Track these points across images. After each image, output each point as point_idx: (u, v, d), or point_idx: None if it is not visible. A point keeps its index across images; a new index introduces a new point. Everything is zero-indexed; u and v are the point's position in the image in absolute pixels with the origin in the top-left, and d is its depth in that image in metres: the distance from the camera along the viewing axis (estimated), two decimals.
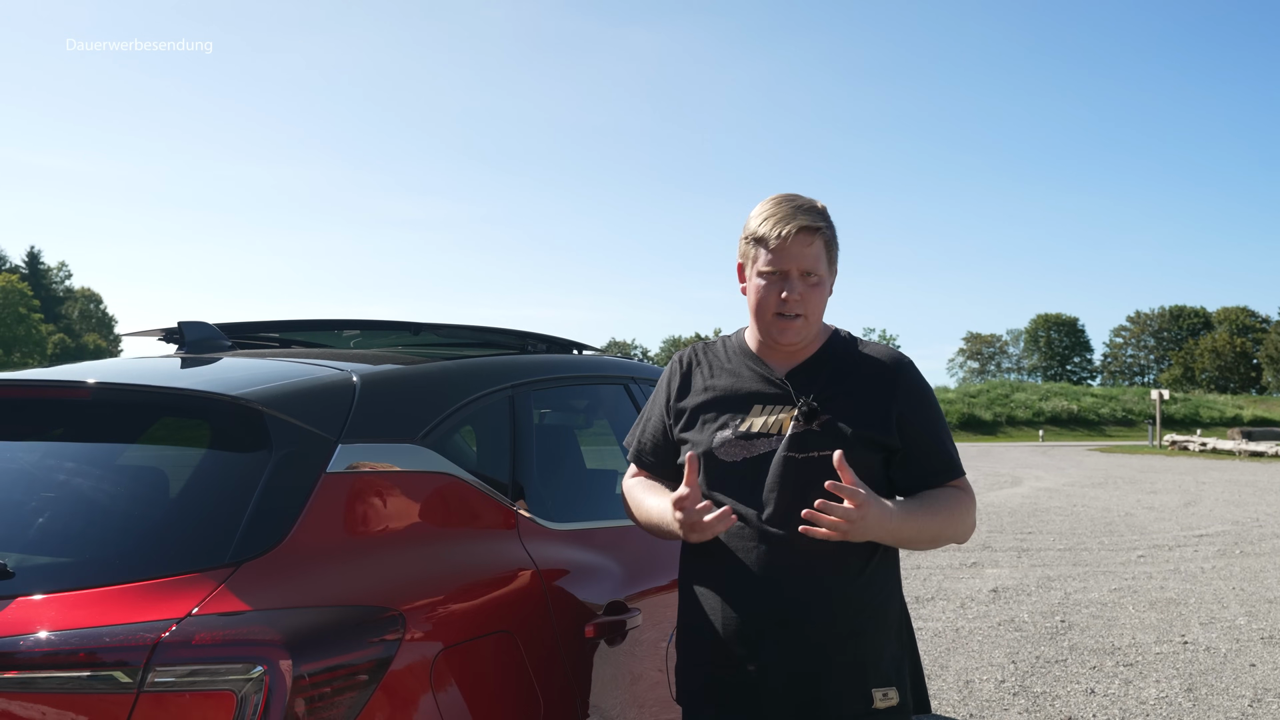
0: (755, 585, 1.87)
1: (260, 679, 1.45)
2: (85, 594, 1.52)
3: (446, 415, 2.08)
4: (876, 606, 1.90)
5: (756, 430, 1.91)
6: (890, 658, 1.91)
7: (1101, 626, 6.82)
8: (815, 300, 1.92)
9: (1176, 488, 19.27)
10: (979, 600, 7.71)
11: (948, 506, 1.93)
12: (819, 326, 1.98)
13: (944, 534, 1.94)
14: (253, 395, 1.80)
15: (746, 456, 1.90)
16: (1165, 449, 38.83)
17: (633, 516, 2.10)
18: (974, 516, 2.00)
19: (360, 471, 1.83)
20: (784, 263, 1.89)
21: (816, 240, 1.90)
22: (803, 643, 1.85)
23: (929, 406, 1.97)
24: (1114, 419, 62.50)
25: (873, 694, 1.86)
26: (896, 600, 1.97)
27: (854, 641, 1.86)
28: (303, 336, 3.06)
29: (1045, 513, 14.37)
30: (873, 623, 1.89)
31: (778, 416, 1.91)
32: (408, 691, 1.64)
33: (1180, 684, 5.41)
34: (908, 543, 1.91)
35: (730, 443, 1.92)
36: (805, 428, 1.88)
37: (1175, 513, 14.48)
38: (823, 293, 1.93)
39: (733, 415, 1.94)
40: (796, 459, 1.87)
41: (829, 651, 1.85)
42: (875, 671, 1.87)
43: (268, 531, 1.64)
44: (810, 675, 1.84)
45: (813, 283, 1.91)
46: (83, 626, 1.47)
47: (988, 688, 5.30)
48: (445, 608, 1.80)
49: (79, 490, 1.76)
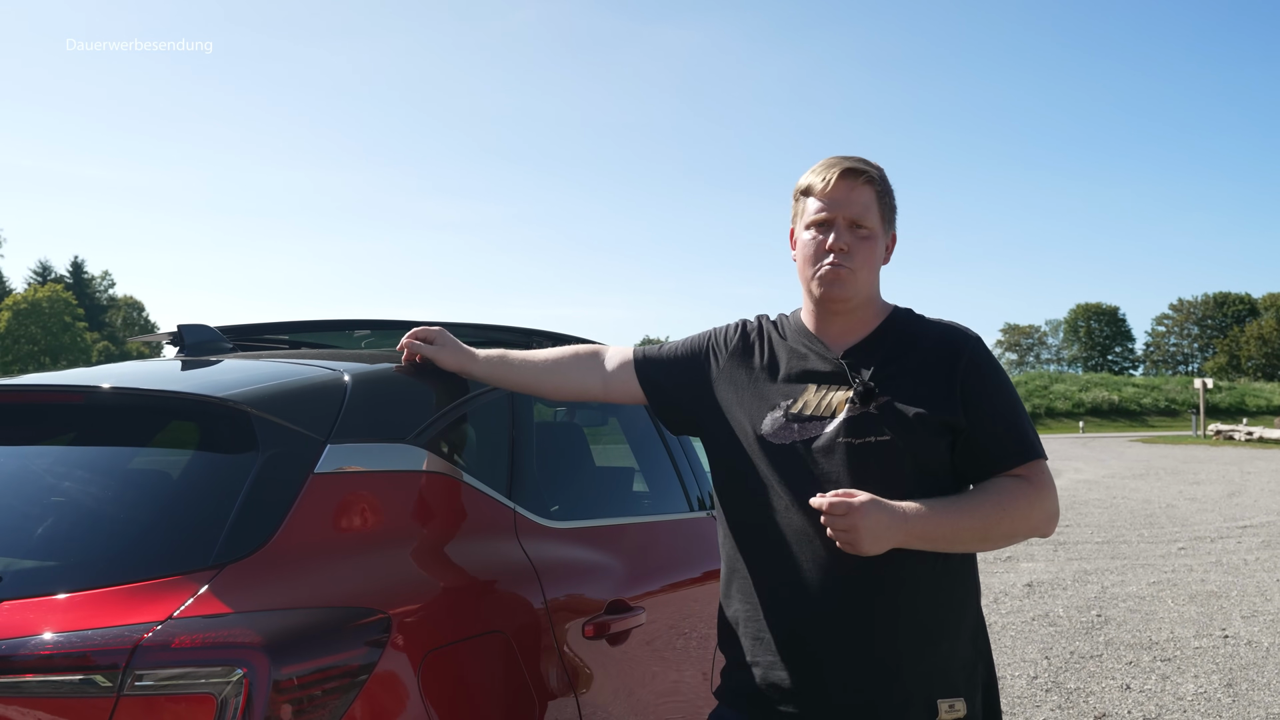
0: (807, 583, 1.72)
1: (240, 682, 1.44)
2: (67, 598, 1.52)
3: (441, 414, 2.06)
4: (947, 608, 1.73)
5: (810, 412, 1.76)
6: (961, 665, 1.74)
7: (1139, 621, 6.68)
8: (865, 253, 1.78)
9: (1220, 478, 18.88)
10: (1013, 595, 7.59)
11: (998, 498, 1.71)
12: (872, 289, 1.82)
13: (998, 530, 1.71)
14: (239, 396, 1.79)
15: (797, 440, 1.75)
16: (1210, 439, 38.08)
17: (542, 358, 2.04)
18: (1050, 505, 1.76)
19: (349, 472, 1.81)
20: (831, 210, 1.77)
21: (864, 188, 1.78)
22: (859, 647, 1.70)
23: (997, 382, 1.77)
24: (1156, 409, 61.44)
25: (938, 705, 1.69)
26: (971, 603, 1.79)
27: (919, 647, 1.70)
28: (313, 338, 3.06)
29: (1084, 505, 14.14)
30: (941, 626, 1.72)
31: (832, 397, 1.76)
32: (394, 693, 1.62)
33: (1220, 679, 5.28)
34: (949, 544, 1.70)
35: (781, 425, 1.77)
36: (862, 410, 1.72)
37: (1218, 503, 14.19)
38: (874, 247, 1.79)
39: (784, 395, 1.80)
40: (853, 444, 1.71)
41: (890, 658, 1.69)
42: (943, 680, 1.71)
43: (252, 533, 1.63)
44: (868, 684, 1.69)
45: (862, 235, 1.78)
46: (63, 630, 1.46)
47: (1019, 684, 5.21)
48: (434, 609, 1.78)
49: (65, 494, 1.76)
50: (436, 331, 2.11)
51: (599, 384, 2.02)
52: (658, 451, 2.98)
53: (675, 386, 1.95)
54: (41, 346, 58.97)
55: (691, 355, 1.96)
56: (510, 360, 2.06)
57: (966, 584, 1.79)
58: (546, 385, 2.05)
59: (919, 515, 1.65)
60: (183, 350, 2.38)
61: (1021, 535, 1.75)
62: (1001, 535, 1.73)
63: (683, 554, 2.71)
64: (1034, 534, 1.77)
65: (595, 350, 2.06)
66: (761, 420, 1.80)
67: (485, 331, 2.84)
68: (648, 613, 2.32)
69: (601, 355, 2.04)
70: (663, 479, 2.96)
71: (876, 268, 1.83)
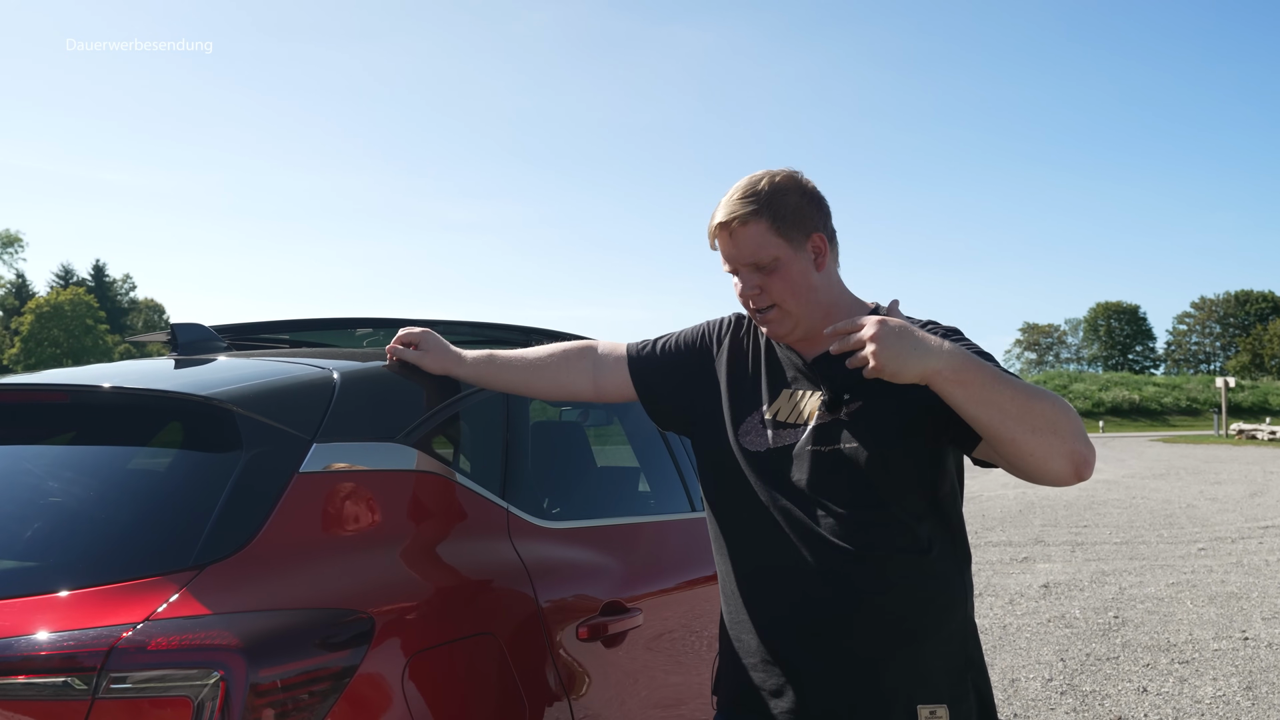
0: (783, 588, 1.71)
1: (217, 684, 1.41)
2: (45, 599, 1.50)
3: (434, 413, 2.03)
4: (929, 611, 1.68)
5: (784, 419, 1.73)
6: (945, 671, 1.68)
7: (1157, 622, 6.59)
8: (781, 284, 1.71)
9: (1242, 478, 18.66)
10: (1029, 596, 7.50)
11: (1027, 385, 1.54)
12: (817, 307, 1.73)
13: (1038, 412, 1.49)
14: (223, 395, 1.76)
15: (770, 447, 1.72)
16: (1232, 438, 37.68)
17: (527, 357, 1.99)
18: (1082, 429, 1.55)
19: (336, 471, 1.78)
20: (730, 262, 1.74)
21: (748, 227, 1.69)
22: (836, 651, 1.67)
23: (987, 357, 1.63)
24: (1178, 408, 60.87)
25: (918, 711, 1.64)
26: (958, 608, 1.72)
27: (897, 650, 1.65)
28: (316, 337, 3.04)
29: (1102, 505, 13.99)
30: (922, 629, 1.66)
31: (805, 404, 1.73)
32: (377, 695, 1.59)
33: (1239, 682, 5.19)
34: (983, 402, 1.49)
35: (757, 431, 1.74)
36: (831, 417, 1.69)
37: (1240, 504, 14.01)
38: (789, 273, 1.70)
39: (762, 400, 1.77)
40: (820, 452, 1.68)
41: (868, 661, 1.66)
42: (924, 685, 1.66)
43: (234, 533, 1.60)
44: (846, 688, 1.66)
45: (769, 269, 1.71)
46: (40, 632, 1.44)
47: (1034, 686, 5.14)
48: (421, 610, 1.74)
49: (47, 494, 1.74)
50: (422, 334, 2.07)
51: (589, 383, 1.97)
52: (659, 451, 2.95)
53: (667, 385, 1.91)
54: (64, 349, 59.56)
55: (684, 352, 1.91)
56: (498, 361, 2.02)
57: (951, 587, 1.72)
58: (535, 386, 2.01)
59: (953, 349, 1.50)
60: (176, 349, 2.36)
61: (1060, 439, 1.51)
62: (1043, 423, 1.50)
63: (685, 555, 2.67)
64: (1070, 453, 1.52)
65: (585, 348, 2.00)
66: (740, 425, 1.78)
67: (484, 330, 2.81)
68: (646, 615, 2.28)
69: (592, 353, 1.98)
70: (665, 479, 2.92)
71: (809, 285, 1.72)
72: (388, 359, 2.09)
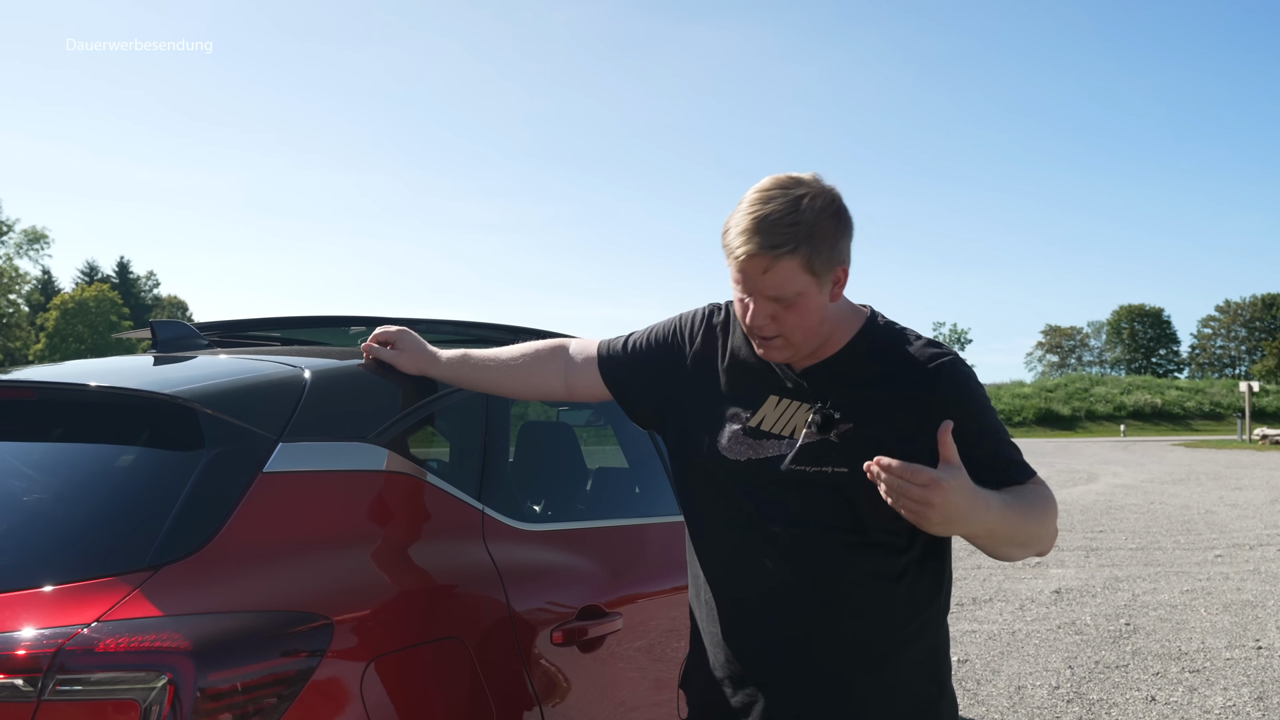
0: (753, 600, 1.66)
1: (165, 688, 1.39)
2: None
3: (407, 413, 2.00)
4: (896, 632, 1.63)
5: (768, 429, 1.65)
6: (911, 697, 1.65)
7: (1169, 630, 6.49)
8: (796, 319, 1.60)
9: (1264, 483, 18.39)
10: (1040, 602, 7.41)
11: (1034, 503, 1.59)
12: (819, 332, 1.64)
13: (1036, 536, 1.61)
14: (187, 393, 1.74)
15: (752, 458, 1.65)
16: (1255, 443, 37.18)
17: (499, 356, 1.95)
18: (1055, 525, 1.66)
19: (301, 471, 1.75)
20: (746, 286, 1.59)
21: (780, 264, 1.54)
22: (803, 668, 1.62)
23: (978, 408, 1.63)
24: (1201, 413, 60.19)
25: None
26: (928, 632, 1.67)
27: (862, 671, 1.62)
28: (309, 335, 3.03)
29: (1119, 510, 13.83)
30: (889, 652, 1.63)
31: (792, 416, 1.65)
32: (334, 700, 1.56)
33: (1250, 692, 5.10)
34: (1002, 541, 1.57)
35: (738, 439, 1.66)
36: (820, 437, 1.61)
37: (1260, 510, 13.80)
38: (805, 307, 1.59)
39: (744, 405, 1.68)
40: (806, 472, 1.61)
41: (833, 680, 1.62)
42: (888, 709, 1.63)
43: (192, 533, 1.58)
44: (811, 705, 1.62)
45: (786, 304, 1.59)
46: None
47: (1040, 694, 5.06)
48: (383, 614, 1.71)
49: (7, 491, 1.72)
50: (398, 333, 2.04)
51: (560, 383, 1.93)
52: (649, 452, 2.91)
53: (639, 383, 1.85)
54: (88, 345, 60.17)
55: (656, 348, 1.84)
56: (472, 361, 1.98)
57: (923, 612, 1.67)
58: (507, 386, 1.97)
59: (1000, 509, 1.50)
60: (155, 346, 2.35)
61: (1043, 547, 1.67)
62: (1036, 542, 1.64)
63: (670, 559, 2.62)
64: (1046, 548, 1.68)
65: (557, 347, 1.95)
66: (719, 431, 1.70)
67: (470, 329, 2.78)
68: (626, 619, 2.24)
69: (563, 352, 1.94)
70: (654, 481, 2.88)
71: (821, 318, 1.63)
72: (364, 358, 2.07)
